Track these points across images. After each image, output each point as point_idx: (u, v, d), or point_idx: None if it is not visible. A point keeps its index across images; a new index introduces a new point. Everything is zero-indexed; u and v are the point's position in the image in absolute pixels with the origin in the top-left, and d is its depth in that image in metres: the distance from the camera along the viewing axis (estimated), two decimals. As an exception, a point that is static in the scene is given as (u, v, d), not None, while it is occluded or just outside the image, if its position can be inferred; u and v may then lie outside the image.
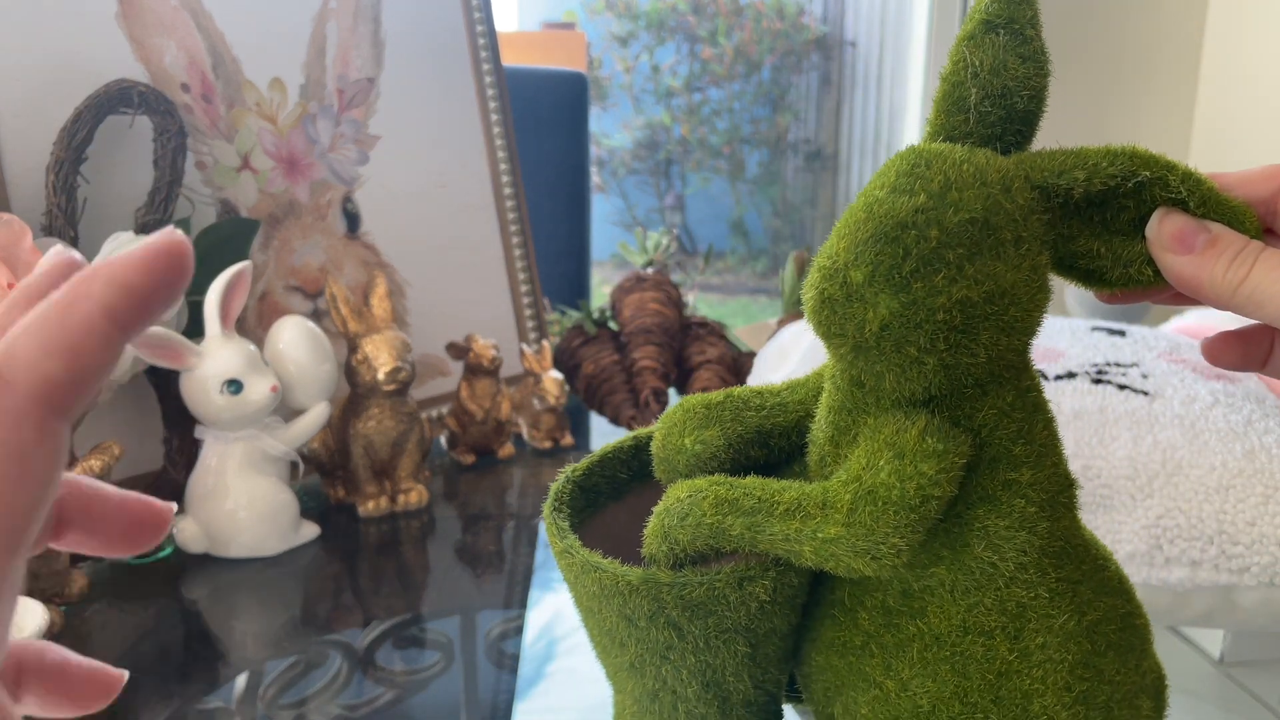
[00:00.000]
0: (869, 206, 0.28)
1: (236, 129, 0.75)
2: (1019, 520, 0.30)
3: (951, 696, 0.31)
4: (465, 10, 0.91)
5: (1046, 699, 0.30)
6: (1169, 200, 0.29)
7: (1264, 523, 0.46)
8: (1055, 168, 0.29)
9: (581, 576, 0.32)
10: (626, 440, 0.38)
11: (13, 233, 0.56)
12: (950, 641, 0.31)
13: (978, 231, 0.27)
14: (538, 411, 0.85)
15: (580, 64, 2.30)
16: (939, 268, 0.27)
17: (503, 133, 0.93)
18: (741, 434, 0.34)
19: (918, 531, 0.28)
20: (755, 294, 3.94)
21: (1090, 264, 0.30)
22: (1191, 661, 0.53)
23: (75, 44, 0.67)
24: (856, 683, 0.33)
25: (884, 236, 0.27)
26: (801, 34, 3.88)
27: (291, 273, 0.77)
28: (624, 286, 0.96)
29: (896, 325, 0.27)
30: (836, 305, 0.28)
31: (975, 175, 0.28)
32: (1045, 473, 0.31)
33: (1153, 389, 0.53)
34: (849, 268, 0.28)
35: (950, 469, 0.28)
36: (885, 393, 0.29)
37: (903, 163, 0.29)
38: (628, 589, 0.31)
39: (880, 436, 0.29)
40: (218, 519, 0.64)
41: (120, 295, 0.18)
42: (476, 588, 0.62)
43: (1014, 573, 0.30)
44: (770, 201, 4.11)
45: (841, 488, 0.29)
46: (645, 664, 0.33)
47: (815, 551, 0.29)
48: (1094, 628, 0.31)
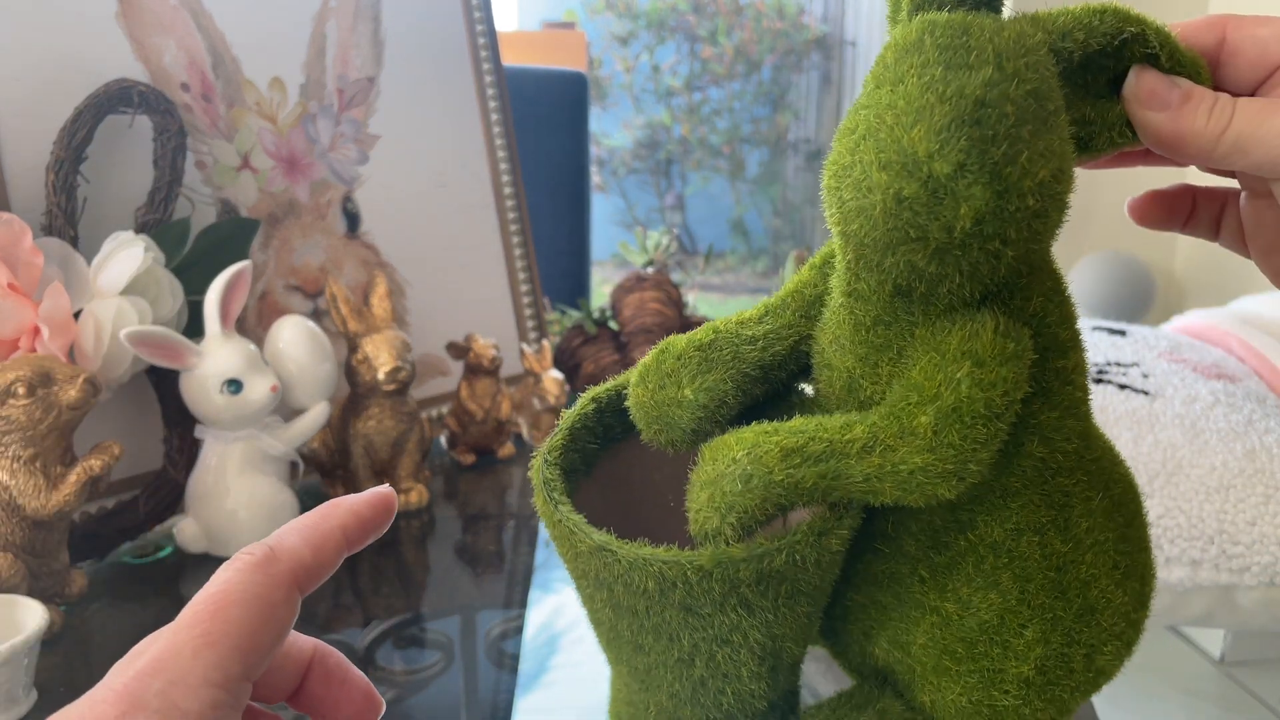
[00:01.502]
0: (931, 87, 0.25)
1: (236, 128, 0.75)
2: (1068, 408, 0.29)
3: (1018, 603, 0.29)
4: (465, 10, 0.91)
5: (1102, 582, 0.30)
6: (1144, 56, 0.29)
7: (1264, 522, 0.46)
8: (1059, 28, 0.28)
9: (627, 575, 0.28)
10: (587, 405, 0.34)
11: (12, 232, 0.56)
12: (1006, 547, 0.30)
13: (1037, 105, 0.25)
14: (538, 411, 0.85)
15: (580, 64, 2.30)
16: (1021, 149, 0.24)
17: (503, 132, 0.93)
18: (746, 372, 0.32)
19: (1001, 439, 0.27)
20: (755, 294, 3.94)
21: (1080, 130, 0.29)
22: (1192, 661, 0.53)
23: (75, 43, 0.67)
24: (906, 613, 0.31)
25: (967, 119, 0.24)
26: (802, 33, 3.88)
27: (291, 272, 0.77)
28: (624, 286, 0.96)
29: (990, 219, 0.24)
30: (919, 205, 0.25)
31: (1016, 42, 0.25)
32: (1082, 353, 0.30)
33: (1153, 389, 0.53)
34: (931, 159, 0.24)
35: (1025, 366, 0.27)
36: (940, 297, 0.27)
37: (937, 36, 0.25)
38: (696, 576, 0.27)
39: (949, 345, 0.27)
40: (218, 519, 0.64)
41: (353, 520, 0.26)
42: (476, 587, 0.62)
43: (1060, 463, 0.29)
44: (770, 201, 4.10)
45: (916, 409, 0.27)
46: (698, 654, 0.30)
47: (898, 486, 0.27)
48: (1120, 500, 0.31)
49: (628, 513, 0.32)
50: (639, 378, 0.32)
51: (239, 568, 0.24)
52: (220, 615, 0.23)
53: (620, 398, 0.34)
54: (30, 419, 0.52)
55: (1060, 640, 0.30)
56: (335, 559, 0.26)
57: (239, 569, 0.24)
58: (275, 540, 0.25)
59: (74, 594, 0.57)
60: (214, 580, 0.24)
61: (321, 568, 0.25)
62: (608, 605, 0.31)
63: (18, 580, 0.52)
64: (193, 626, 0.23)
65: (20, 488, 0.52)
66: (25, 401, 0.52)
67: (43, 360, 0.54)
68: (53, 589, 0.55)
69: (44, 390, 0.53)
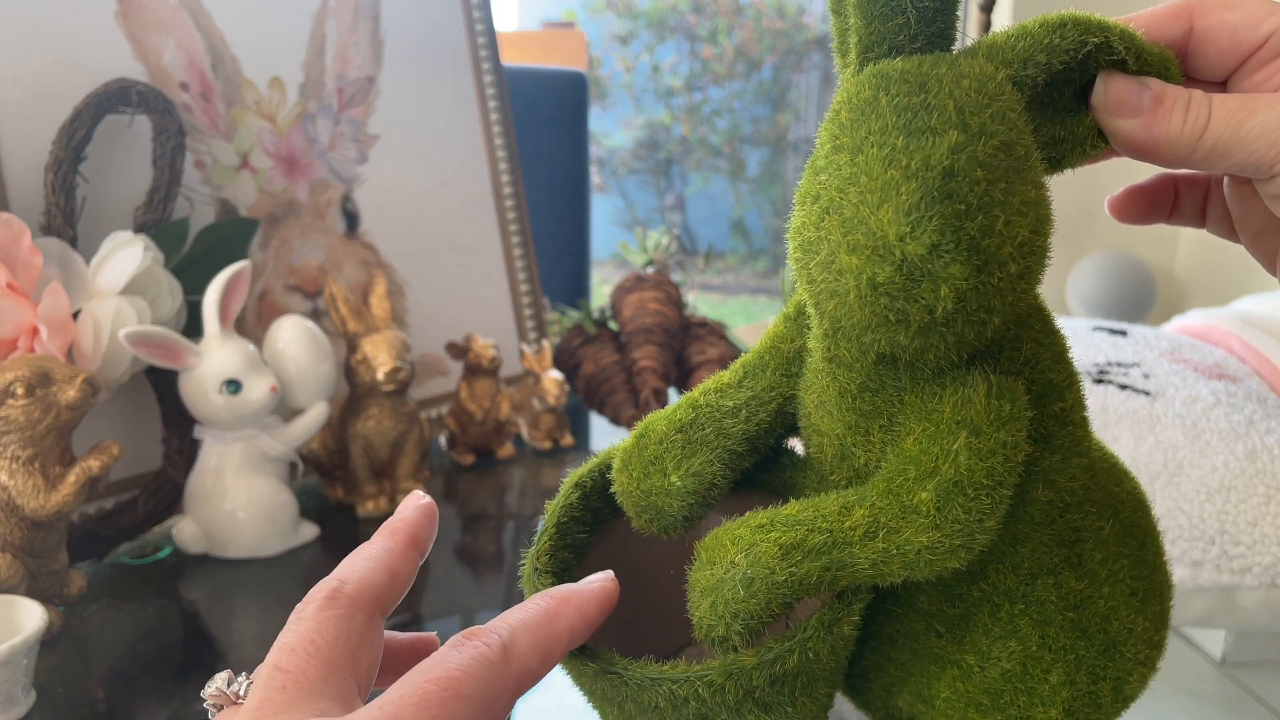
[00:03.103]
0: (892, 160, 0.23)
1: (235, 128, 0.75)
2: (1070, 448, 0.28)
3: (1039, 649, 0.29)
4: (465, 9, 0.91)
5: (1122, 613, 0.29)
6: (1110, 63, 0.27)
7: (1265, 523, 0.46)
8: (1019, 58, 0.26)
9: (639, 694, 0.27)
10: (572, 492, 0.33)
11: (11, 232, 0.56)
12: (1021, 593, 0.29)
13: (1008, 157, 0.23)
14: (537, 411, 0.85)
15: (580, 63, 2.30)
16: (996, 213, 0.23)
17: (503, 132, 0.92)
18: (732, 449, 0.30)
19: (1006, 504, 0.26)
20: (755, 294, 3.94)
21: (1052, 151, 0.28)
22: (1193, 662, 0.53)
23: (74, 43, 0.66)
24: (925, 668, 0.30)
25: (936, 194, 0.22)
26: (802, 33, 3.88)
27: (290, 272, 0.77)
28: (624, 286, 0.96)
29: (973, 295, 0.23)
30: (895, 290, 0.23)
31: (979, 92, 0.24)
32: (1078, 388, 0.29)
33: (1154, 389, 0.53)
34: (904, 242, 0.23)
35: (1023, 426, 0.25)
36: (926, 364, 0.26)
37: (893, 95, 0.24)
38: (708, 691, 0.26)
39: (943, 414, 0.26)
40: (217, 519, 0.64)
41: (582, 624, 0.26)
42: (476, 588, 0.62)
43: (1067, 501, 0.29)
44: (770, 201, 4.10)
45: (915, 485, 0.25)
46: None
47: (905, 566, 0.26)
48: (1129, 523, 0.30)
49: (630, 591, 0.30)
50: (621, 465, 0.31)
51: (475, 659, 0.22)
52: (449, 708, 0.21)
53: (605, 480, 0.33)
54: (29, 419, 0.52)
55: (1086, 680, 0.29)
56: (559, 659, 0.25)
57: (476, 660, 0.22)
58: (510, 636, 0.24)
59: (73, 594, 0.57)
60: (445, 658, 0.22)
61: (544, 668, 0.25)
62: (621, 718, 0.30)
63: (16, 581, 0.52)
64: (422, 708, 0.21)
65: (19, 488, 0.52)
66: (24, 402, 0.52)
67: (42, 360, 0.54)
68: (52, 589, 0.55)
69: (43, 390, 0.53)
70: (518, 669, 0.23)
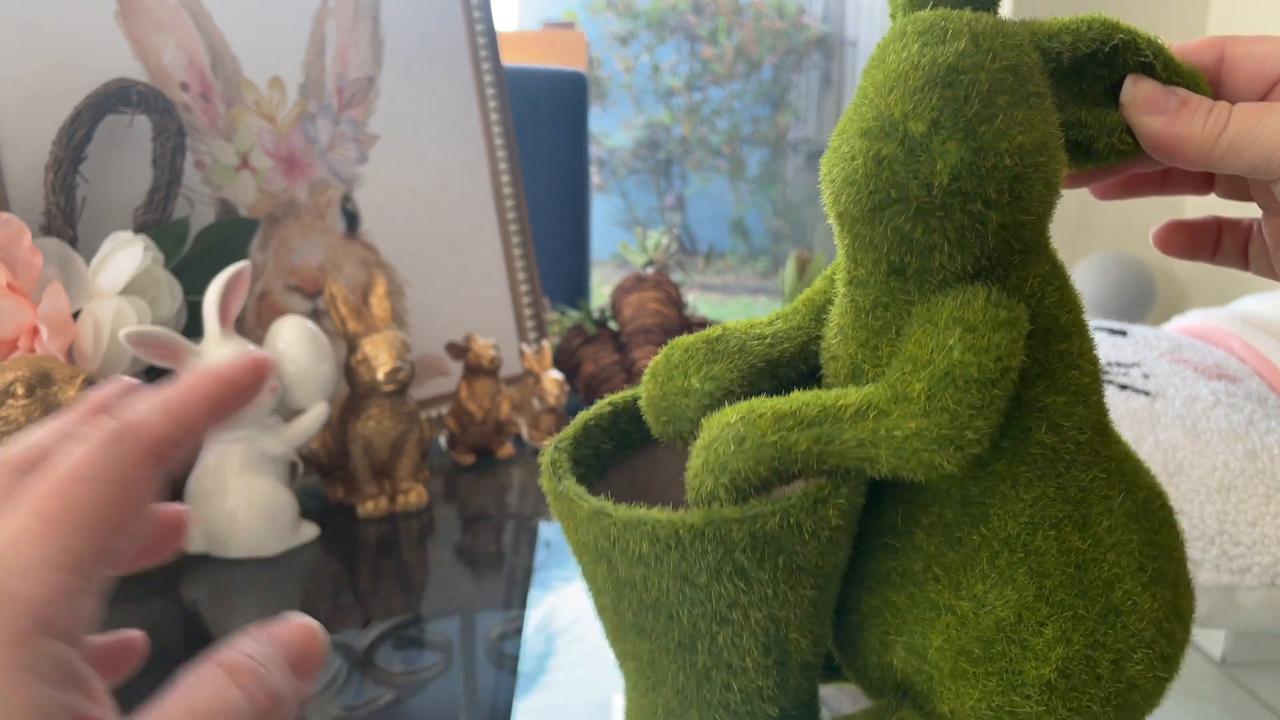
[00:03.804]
0: (908, 60, 0.26)
1: (235, 128, 0.75)
2: (1075, 393, 0.29)
3: (1035, 600, 0.29)
4: (465, 9, 0.91)
5: (1126, 584, 0.29)
6: (1139, 64, 0.30)
7: (1265, 523, 0.46)
8: (1046, 30, 0.29)
9: (622, 538, 0.28)
10: (603, 407, 0.35)
11: (11, 232, 0.56)
12: (1021, 542, 0.29)
13: (1014, 80, 0.26)
14: (537, 411, 0.85)
15: (580, 63, 2.30)
16: (995, 112, 0.26)
17: (503, 132, 0.93)
18: (752, 364, 0.32)
19: (999, 410, 0.27)
20: (755, 294, 3.94)
21: (1079, 134, 0.30)
22: (1193, 662, 0.53)
23: (74, 43, 0.66)
24: (922, 614, 0.30)
25: (940, 81, 0.26)
26: (802, 33, 3.88)
27: (290, 272, 0.77)
28: (624, 286, 0.96)
29: (967, 174, 0.26)
30: (896, 164, 0.26)
31: (995, 28, 0.27)
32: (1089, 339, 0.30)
33: (1154, 389, 0.53)
34: (907, 119, 0.26)
35: (1020, 337, 0.27)
36: (933, 272, 0.28)
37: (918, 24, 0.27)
38: (690, 537, 0.27)
39: (940, 315, 0.27)
40: (217, 519, 0.64)
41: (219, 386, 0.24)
42: (476, 588, 0.62)
43: (1073, 454, 0.29)
44: (770, 201, 4.10)
45: (910, 376, 0.27)
46: (698, 635, 0.29)
47: (894, 453, 0.27)
48: (1146, 505, 0.31)
49: None
50: (649, 374, 0.32)
51: (89, 444, 0.22)
52: (65, 496, 0.21)
53: (636, 406, 0.34)
54: (29, 419, 0.52)
55: (1083, 641, 0.29)
56: (202, 429, 0.24)
57: (89, 445, 0.22)
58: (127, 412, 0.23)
59: (73, 594, 0.57)
60: (59, 459, 0.22)
61: (186, 438, 0.24)
62: (609, 582, 0.30)
63: (16, 581, 0.52)
64: (33, 512, 0.21)
65: (19, 488, 0.52)
66: (24, 402, 0.52)
67: (42, 360, 0.54)
68: (51, 589, 0.55)
69: (43, 390, 0.53)
70: (146, 437, 0.23)
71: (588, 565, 0.31)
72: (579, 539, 0.30)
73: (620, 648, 0.32)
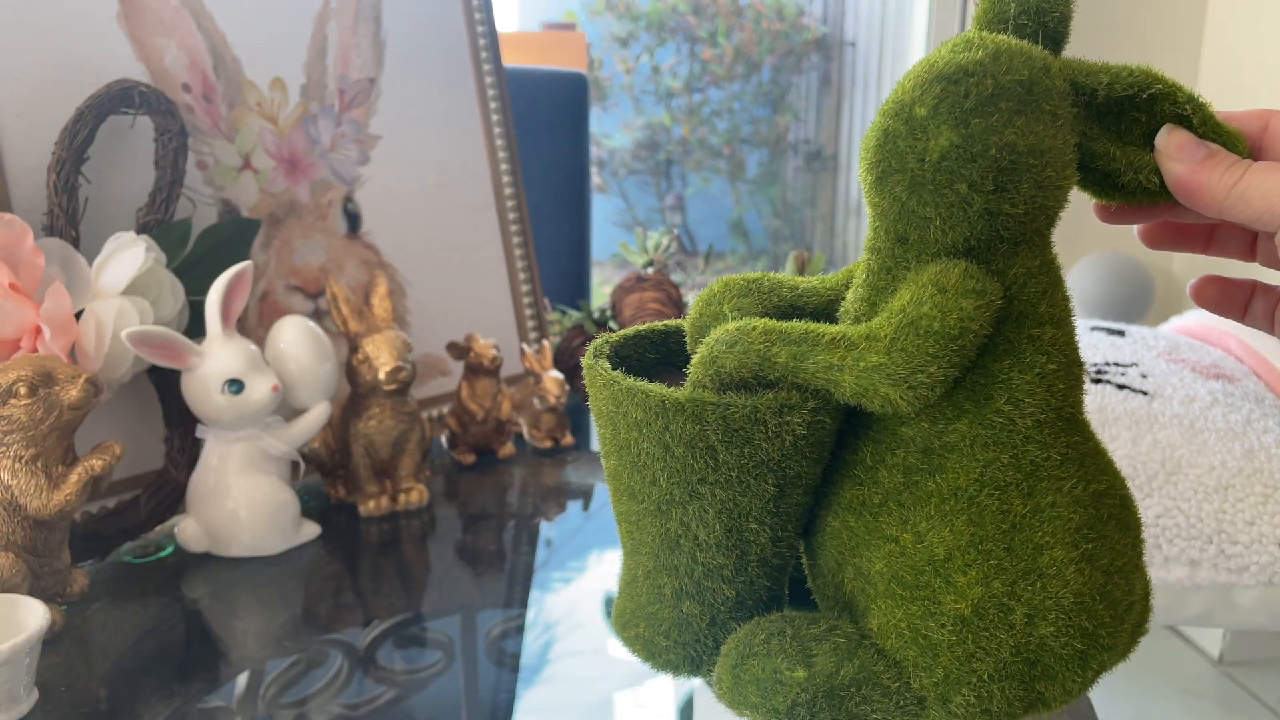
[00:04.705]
0: (931, 61, 0.31)
1: (237, 129, 0.75)
2: (1039, 376, 0.32)
3: (967, 545, 0.32)
4: (466, 10, 0.91)
5: (1055, 552, 0.32)
6: (1176, 116, 0.33)
7: (1263, 522, 0.46)
8: (1084, 69, 0.33)
9: (624, 403, 0.34)
10: (656, 325, 0.40)
11: (14, 232, 0.57)
12: (968, 494, 0.33)
13: (1024, 92, 0.30)
14: (538, 411, 0.85)
15: (580, 64, 2.30)
16: (993, 111, 0.30)
17: (503, 133, 0.93)
18: (777, 304, 0.37)
19: (954, 364, 0.31)
20: (755, 294, 3.93)
21: (1106, 165, 0.34)
22: (1191, 661, 0.53)
23: (76, 44, 0.67)
24: (872, 541, 0.34)
25: (947, 78, 0.30)
26: (801, 34, 3.88)
27: (292, 272, 0.78)
28: (624, 286, 0.96)
29: (954, 156, 0.30)
30: (899, 138, 0.31)
31: (1022, 50, 0.31)
32: (1065, 335, 0.33)
33: (1152, 388, 0.53)
34: (914, 104, 0.31)
35: (986, 308, 0.31)
36: (928, 244, 0.32)
37: (959, 38, 0.32)
38: (673, 409, 0.33)
39: (923, 277, 0.31)
40: (219, 518, 0.64)
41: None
42: (477, 587, 0.62)
43: (1030, 430, 0.32)
44: (770, 201, 4.11)
45: (885, 321, 0.31)
46: (673, 503, 0.34)
47: (856, 380, 0.31)
48: (1099, 497, 0.33)
49: None
50: (696, 301, 0.37)
51: None
52: None
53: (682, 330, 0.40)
54: (32, 419, 0.52)
55: (1001, 590, 0.32)
56: None
57: None
58: None
59: (75, 594, 0.57)
60: None
61: None
62: (613, 445, 0.35)
63: (19, 580, 0.52)
64: None
65: (22, 487, 0.53)
66: (27, 401, 0.52)
67: (44, 360, 0.54)
68: (54, 589, 0.55)
69: (45, 390, 0.53)
70: None
71: (601, 428, 0.36)
72: (597, 404, 0.36)
73: (618, 509, 0.38)
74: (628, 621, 0.39)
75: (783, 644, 0.34)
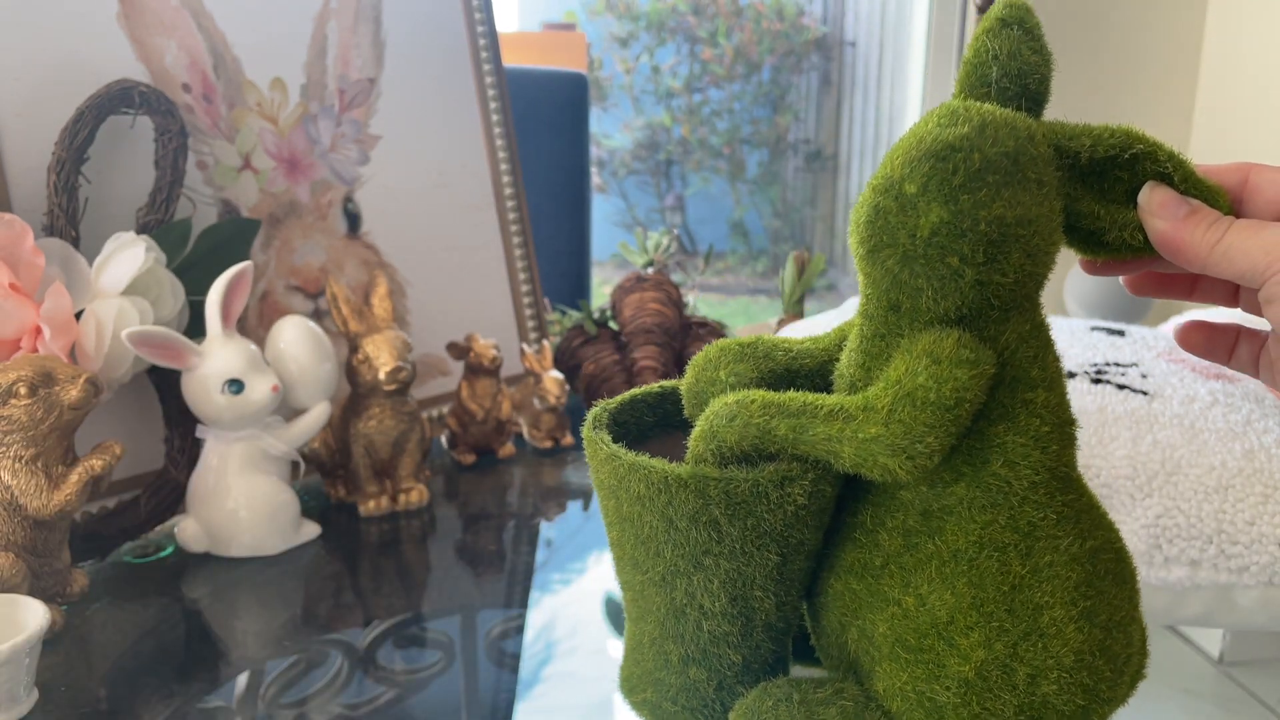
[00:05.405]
0: (918, 136, 0.31)
1: (237, 129, 0.75)
2: (1033, 439, 0.32)
3: (969, 607, 0.33)
4: (466, 10, 0.91)
5: (1055, 611, 0.32)
6: (1157, 174, 0.33)
7: (1263, 522, 0.46)
8: (1067, 132, 0.33)
9: (627, 478, 0.34)
10: (653, 387, 0.41)
11: (14, 233, 0.57)
12: (967, 556, 0.33)
13: (1010, 164, 0.30)
14: (538, 411, 0.85)
15: (581, 64, 2.30)
16: (981, 186, 0.30)
17: (503, 133, 0.93)
18: (772, 369, 0.37)
19: (950, 433, 0.31)
20: (755, 294, 3.94)
21: (1091, 224, 0.34)
22: (1191, 661, 0.53)
23: (76, 44, 0.67)
24: (874, 604, 0.34)
25: (935, 155, 0.30)
26: (801, 34, 3.88)
27: (292, 272, 0.78)
28: (624, 286, 0.96)
29: (944, 232, 0.30)
30: (890, 215, 0.31)
31: (1007, 121, 0.31)
32: (1057, 397, 0.33)
33: (1152, 389, 0.53)
34: (904, 181, 0.31)
35: (980, 377, 0.31)
36: (921, 313, 0.32)
37: (943, 109, 0.32)
38: (676, 484, 0.33)
39: (917, 347, 0.32)
40: (219, 518, 0.64)
41: None
42: (477, 587, 0.62)
43: (1026, 492, 0.33)
44: (770, 202, 4.11)
45: (881, 392, 0.31)
46: (677, 574, 0.35)
47: (855, 451, 0.31)
48: (1095, 553, 0.33)
49: None
50: (691, 366, 0.38)
51: None
52: None
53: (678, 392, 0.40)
54: (32, 419, 0.52)
55: (1003, 651, 0.32)
56: None
57: None
58: None
59: (75, 594, 0.57)
60: None
61: None
62: (616, 516, 0.35)
63: (19, 580, 0.52)
64: None
65: (22, 487, 0.53)
66: (27, 401, 0.52)
67: (44, 360, 0.54)
68: (54, 589, 0.55)
69: (45, 390, 0.53)
70: None
71: (603, 500, 0.36)
72: (599, 477, 0.36)
73: (622, 578, 0.38)
74: (635, 686, 0.39)
75: (790, 710, 0.34)
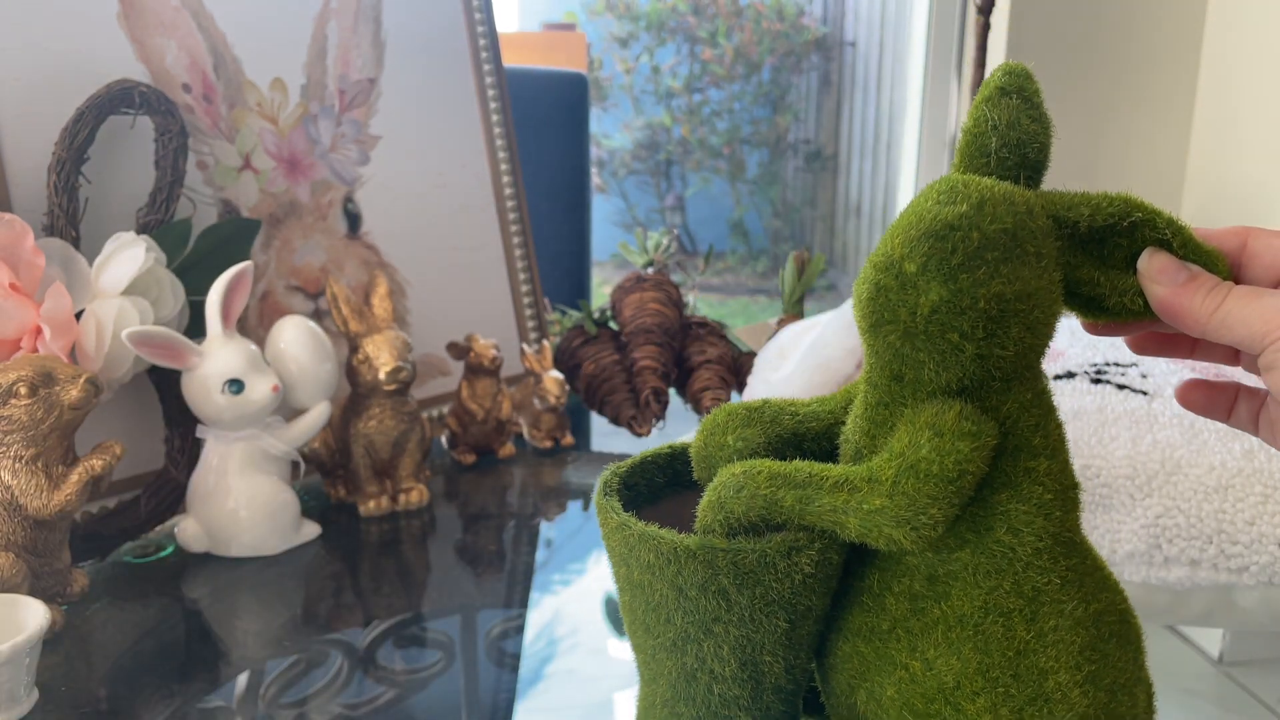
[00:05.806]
0: (918, 214, 0.31)
1: (237, 129, 0.75)
2: (1036, 506, 0.33)
3: (975, 673, 0.33)
4: (466, 10, 0.91)
5: (1060, 676, 0.33)
6: (1156, 240, 0.34)
7: (1263, 522, 0.46)
8: (1065, 202, 0.33)
9: (637, 548, 0.34)
10: (663, 449, 0.41)
11: (14, 233, 0.57)
12: (973, 622, 0.33)
13: (1009, 240, 0.31)
14: (538, 411, 0.85)
15: (580, 65, 2.30)
16: (980, 264, 0.30)
17: (503, 133, 0.93)
18: (779, 434, 0.37)
19: (954, 505, 0.31)
20: (755, 294, 3.94)
21: (1091, 291, 0.34)
22: (1191, 661, 0.53)
23: (77, 44, 0.67)
24: (882, 667, 0.35)
25: (934, 235, 0.31)
26: (801, 35, 3.88)
27: (292, 273, 0.78)
28: (624, 286, 0.96)
29: (944, 310, 0.31)
30: (891, 293, 0.31)
31: (1005, 196, 0.32)
32: (1059, 464, 0.34)
33: (1152, 388, 0.53)
34: (904, 260, 0.31)
35: (983, 448, 0.32)
36: (923, 384, 0.33)
37: (942, 184, 0.32)
38: (685, 555, 0.33)
39: (920, 420, 0.32)
40: (219, 518, 0.64)
41: None
42: (477, 587, 0.62)
43: (1030, 558, 0.33)
44: (770, 202, 4.11)
45: (885, 464, 0.32)
46: (688, 640, 0.35)
47: (860, 522, 0.32)
48: (1099, 617, 0.34)
49: None
50: (700, 429, 0.38)
51: None
52: None
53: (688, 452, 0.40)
54: (32, 419, 0.53)
55: (1009, 717, 0.33)
56: None
57: None
58: None
59: (75, 594, 0.57)
60: None
61: None
62: (627, 583, 0.36)
63: (19, 580, 0.52)
64: None
65: (22, 487, 0.53)
66: (27, 401, 0.52)
67: (44, 360, 0.54)
68: (54, 588, 0.55)
69: (46, 390, 0.53)
70: None
71: (615, 566, 0.37)
72: (610, 544, 0.36)
73: (634, 641, 0.38)
74: None
75: None
